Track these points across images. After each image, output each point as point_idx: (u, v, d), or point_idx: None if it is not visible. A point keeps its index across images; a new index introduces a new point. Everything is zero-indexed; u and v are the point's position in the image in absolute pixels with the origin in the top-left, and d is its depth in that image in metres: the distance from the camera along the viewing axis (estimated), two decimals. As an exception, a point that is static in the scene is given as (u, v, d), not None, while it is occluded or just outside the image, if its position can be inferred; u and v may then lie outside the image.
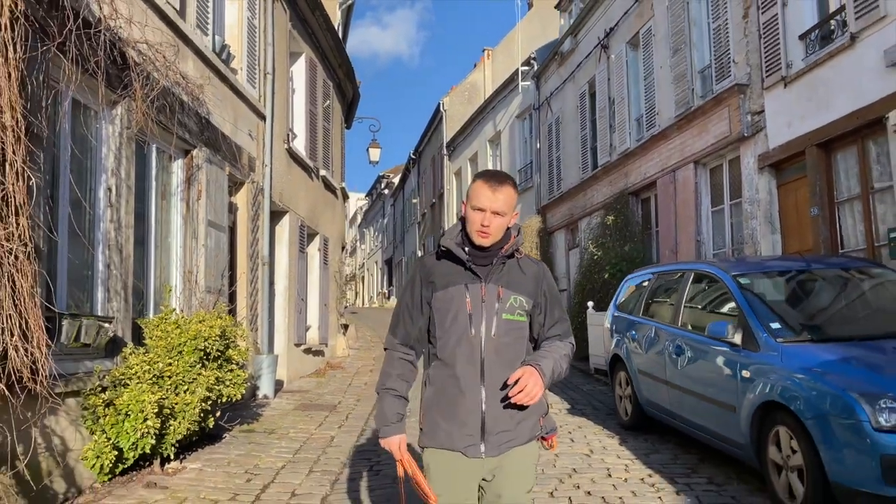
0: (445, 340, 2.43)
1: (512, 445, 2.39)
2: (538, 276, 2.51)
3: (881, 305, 5.14)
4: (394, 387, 2.46)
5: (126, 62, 5.54)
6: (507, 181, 2.42)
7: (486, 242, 2.40)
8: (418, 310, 2.50)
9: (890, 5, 7.19)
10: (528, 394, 2.25)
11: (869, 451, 3.70)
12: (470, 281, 2.42)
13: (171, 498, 4.92)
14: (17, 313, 3.75)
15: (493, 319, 2.40)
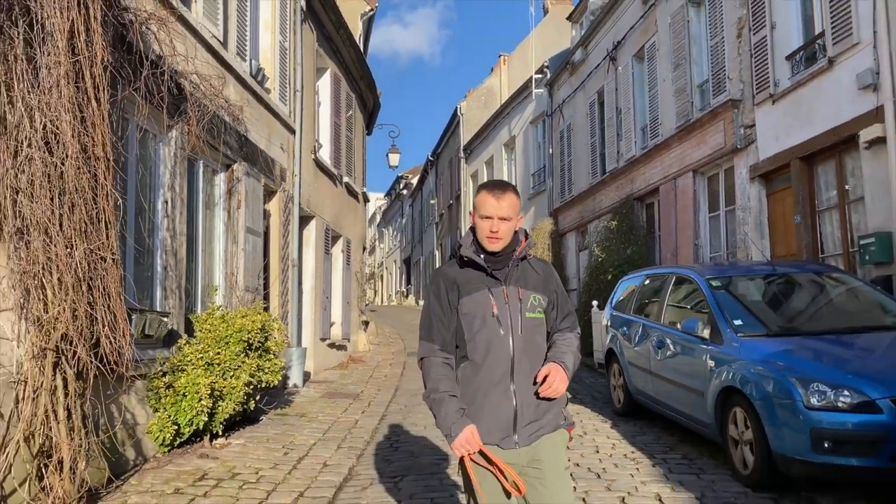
0: (475, 342, 2.60)
1: (541, 434, 2.59)
2: (548, 274, 2.73)
3: (829, 305, 5.91)
4: (448, 389, 2.57)
5: (182, 92, 6.43)
6: (509, 188, 2.66)
7: (497, 247, 2.61)
8: (448, 315, 2.65)
9: (862, 33, 7.91)
10: (555, 389, 2.49)
11: (801, 427, 4.48)
12: (492, 285, 2.61)
13: (222, 466, 5.81)
14: (108, 308, 4.65)
15: (518, 319, 2.59)
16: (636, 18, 13.92)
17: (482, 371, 2.57)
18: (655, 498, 4.85)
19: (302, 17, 10.83)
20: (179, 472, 5.59)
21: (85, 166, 4.54)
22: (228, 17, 8.16)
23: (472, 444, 2.48)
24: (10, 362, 4.27)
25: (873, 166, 7.77)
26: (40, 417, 4.37)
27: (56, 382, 4.42)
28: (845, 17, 8.15)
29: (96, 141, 4.64)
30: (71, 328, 4.41)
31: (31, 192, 4.29)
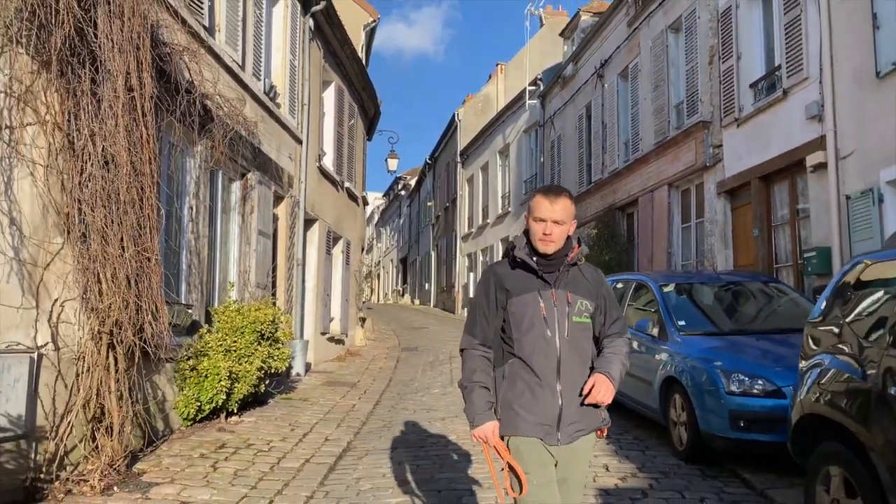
0: (523, 342, 2.67)
1: (580, 435, 2.68)
2: (597, 280, 2.80)
3: (760, 309, 6.87)
4: (480, 380, 2.69)
5: (207, 113, 7.37)
6: (564, 193, 2.70)
7: (549, 250, 2.66)
8: (494, 313, 2.73)
9: (811, 69, 8.88)
10: (600, 399, 2.62)
11: (723, 409, 5.44)
12: (542, 288, 2.68)
13: (238, 438, 6.75)
14: (151, 300, 5.58)
15: (565, 322, 2.66)
16: (622, 39, 14.89)
17: (530, 370, 2.65)
18: (604, 467, 5.81)
19: (310, 37, 11.77)
20: (202, 441, 6.53)
21: (134, 182, 5.48)
22: (246, 42, 9.10)
23: (490, 439, 2.62)
24: (73, 342, 5.20)
25: (817, 188, 8.74)
26: (95, 389, 5.30)
27: (109, 360, 5.35)
28: (798, 53, 9.13)
29: (143, 160, 5.58)
30: (122, 316, 5.34)
31: (92, 203, 5.22)
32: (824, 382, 3.76)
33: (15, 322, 4.69)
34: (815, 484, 3.77)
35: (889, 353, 3.31)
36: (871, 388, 3.34)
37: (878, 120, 7.68)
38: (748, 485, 5.27)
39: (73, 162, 5.13)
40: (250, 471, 5.74)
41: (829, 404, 3.66)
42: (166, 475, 5.47)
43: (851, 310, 3.84)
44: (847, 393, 3.54)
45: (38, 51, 4.79)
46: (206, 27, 7.74)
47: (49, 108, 4.97)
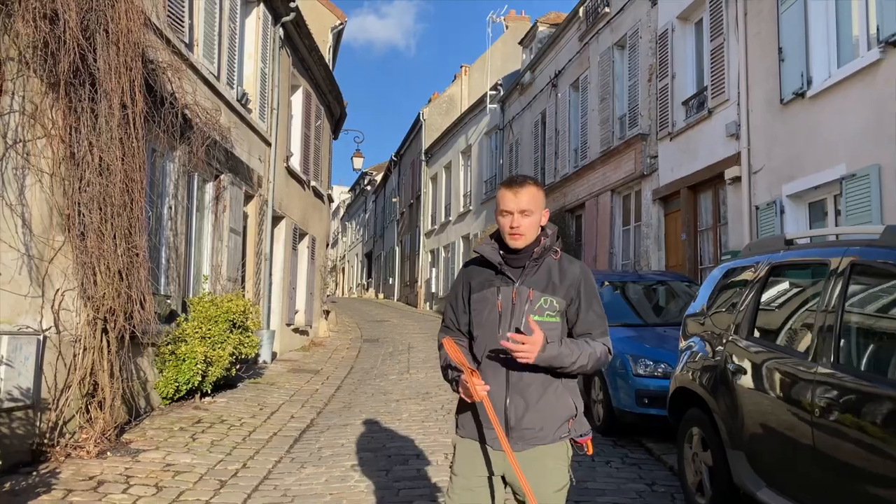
0: (478, 340, 2.55)
1: (536, 443, 2.45)
2: (576, 276, 2.53)
3: (669, 305, 7.93)
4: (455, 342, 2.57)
5: (187, 121, 8.13)
6: (528, 181, 2.50)
7: (519, 243, 2.46)
8: (462, 310, 2.63)
9: (731, 92, 9.97)
10: (512, 348, 2.34)
11: (630, 389, 6.45)
12: (503, 284, 2.51)
13: (212, 415, 7.56)
14: (138, 291, 6.37)
15: (521, 321, 2.46)
16: (574, 53, 15.92)
17: (480, 369, 2.50)
18: (531, 438, 6.79)
19: (280, 45, 12.54)
20: (180, 417, 7.33)
21: (126, 187, 6.26)
22: (221, 54, 9.85)
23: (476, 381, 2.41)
24: (71, 327, 5.97)
25: (734, 199, 9.85)
26: (89, 367, 6.07)
27: (102, 343, 6.13)
28: (721, 77, 10.22)
29: (134, 168, 6.36)
30: (114, 304, 6.12)
31: (90, 206, 5.99)
32: (691, 362, 4.76)
33: (25, 308, 5.45)
34: (683, 441, 4.78)
35: (729, 339, 4.32)
36: (717, 366, 4.35)
37: (782, 141, 8.78)
38: (649, 452, 6.29)
39: (73, 170, 5.89)
40: (225, 441, 6.57)
41: (692, 379, 4.66)
42: (151, 444, 6.28)
43: (714, 304, 4.84)
44: (703, 370, 4.54)
45: (48, 74, 5.54)
46: (186, 43, 8.49)
47: (54, 123, 5.72)
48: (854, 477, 3.09)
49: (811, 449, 3.35)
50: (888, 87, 7.01)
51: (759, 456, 3.88)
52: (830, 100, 7.92)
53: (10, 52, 5.23)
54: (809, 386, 3.40)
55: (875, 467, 2.96)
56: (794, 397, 3.53)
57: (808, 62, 8.29)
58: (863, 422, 3.02)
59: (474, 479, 2.52)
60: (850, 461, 3.11)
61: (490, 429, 2.46)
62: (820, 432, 3.28)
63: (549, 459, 2.47)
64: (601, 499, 4.97)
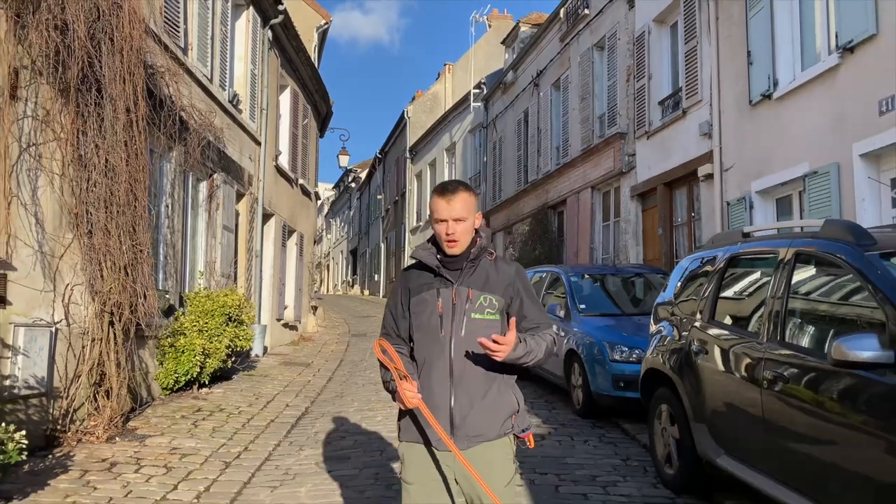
0: (420, 341, 2.59)
1: (480, 441, 2.49)
2: (511, 275, 2.61)
3: (644, 295, 8.39)
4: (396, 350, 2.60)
5: (183, 123, 8.46)
6: (460, 187, 2.56)
7: (456, 250, 2.54)
8: (401, 314, 2.66)
9: (704, 93, 10.45)
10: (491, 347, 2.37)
11: (607, 374, 6.89)
12: (442, 286, 2.57)
13: (211, 404, 7.92)
14: (142, 286, 6.71)
15: (462, 320, 2.51)
16: (555, 53, 16.36)
17: (423, 371, 2.56)
18: (515, 421, 7.21)
19: (269, 47, 12.85)
20: (181, 406, 7.68)
21: (130, 187, 6.60)
22: (214, 57, 10.16)
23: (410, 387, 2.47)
24: (80, 320, 6.31)
25: (706, 195, 10.33)
26: (97, 358, 6.42)
27: (109, 335, 6.47)
28: (695, 78, 10.69)
29: (137, 169, 6.70)
30: (120, 298, 6.47)
31: (97, 205, 6.33)
32: (660, 346, 5.20)
33: (39, 302, 5.79)
34: (653, 418, 5.22)
35: (694, 324, 4.76)
36: (682, 349, 4.79)
37: (750, 140, 9.26)
38: (625, 432, 6.74)
39: (81, 171, 6.23)
40: (225, 427, 6.93)
41: (661, 361, 5.10)
42: (156, 430, 6.63)
43: (681, 292, 5.29)
44: (670, 352, 4.98)
45: (58, 81, 5.87)
46: (181, 47, 8.82)
47: (63, 127, 6.04)
48: (797, 440, 3.53)
49: (761, 418, 3.79)
50: (846, 90, 7.49)
51: (719, 427, 4.32)
52: (795, 101, 8.40)
53: (23, 61, 5.56)
54: (759, 363, 3.84)
55: (814, 430, 3.40)
56: (746, 373, 3.97)
57: (775, 65, 8.77)
58: (802, 391, 3.47)
59: (430, 483, 2.53)
60: (792, 427, 3.55)
61: (433, 430, 2.49)
62: (768, 403, 3.72)
63: (495, 455, 2.51)
64: (579, 471, 5.41)
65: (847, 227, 3.64)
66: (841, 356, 2.96)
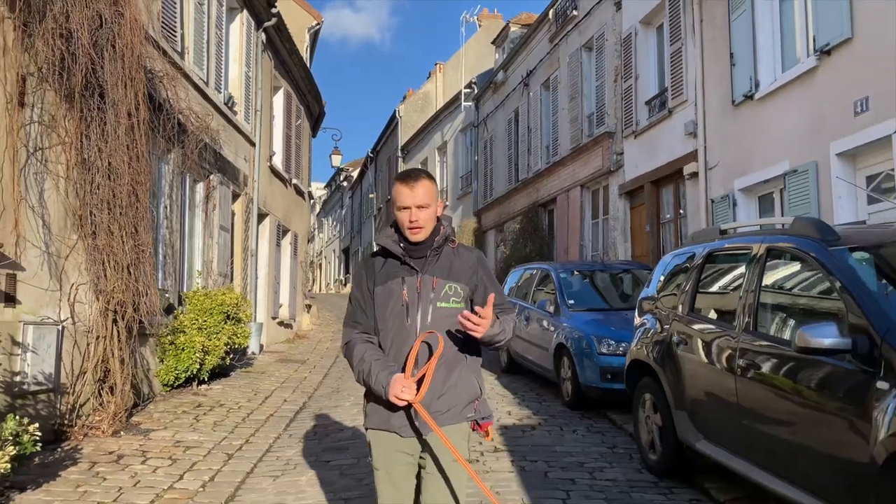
0: (385, 330, 2.60)
1: (444, 423, 2.54)
2: (473, 262, 2.65)
3: (630, 291, 8.65)
4: (373, 357, 2.57)
5: (181, 126, 8.66)
6: (422, 175, 2.57)
7: (419, 237, 2.56)
8: (369, 303, 2.65)
9: (689, 93, 10.72)
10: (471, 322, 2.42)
11: (595, 367, 7.15)
12: (407, 274, 2.58)
13: (211, 400, 8.13)
14: (145, 285, 6.92)
15: (428, 308, 2.55)
16: (544, 53, 16.61)
17: (389, 359, 2.58)
18: (507, 413, 7.47)
19: (262, 49, 13.05)
20: (181, 402, 7.89)
21: (132, 189, 6.80)
22: (209, 60, 10.36)
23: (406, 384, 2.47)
24: (86, 318, 6.51)
25: (692, 193, 10.61)
26: (101, 355, 6.63)
27: (113, 333, 6.68)
28: (680, 79, 10.96)
29: (139, 171, 6.91)
30: (123, 297, 6.67)
31: (100, 207, 6.53)
32: (643, 338, 5.46)
33: (46, 301, 5.99)
34: (638, 407, 5.48)
35: (675, 317, 5.02)
36: (664, 340, 5.05)
37: (734, 139, 9.54)
38: (612, 422, 7.00)
39: (85, 174, 6.43)
40: (226, 421, 7.15)
41: (645, 352, 5.36)
42: (159, 424, 6.84)
43: (664, 287, 5.55)
44: (653, 344, 5.24)
45: (62, 87, 6.06)
46: (178, 52, 9.01)
47: (67, 131, 6.24)
48: (767, 423, 3.79)
49: (736, 404, 4.05)
50: (823, 91, 7.77)
51: (698, 413, 4.58)
52: (775, 102, 8.68)
53: (30, 69, 5.76)
54: (734, 352, 4.10)
55: (782, 414, 3.66)
56: (722, 362, 4.23)
57: (756, 67, 9.04)
58: (771, 377, 3.73)
59: (396, 469, 2.59)
60: (763, 411, 3.81)
61: (399, 415, 2.54)
62: (741, 390, 3.98)
63: (454, 436, 2.55)
64: (567, 458, 5.66)
65: (813, 224, 3.90)
66: (804, 343, 3.21)
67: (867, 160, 7.36)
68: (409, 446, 2.58)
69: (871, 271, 3.50)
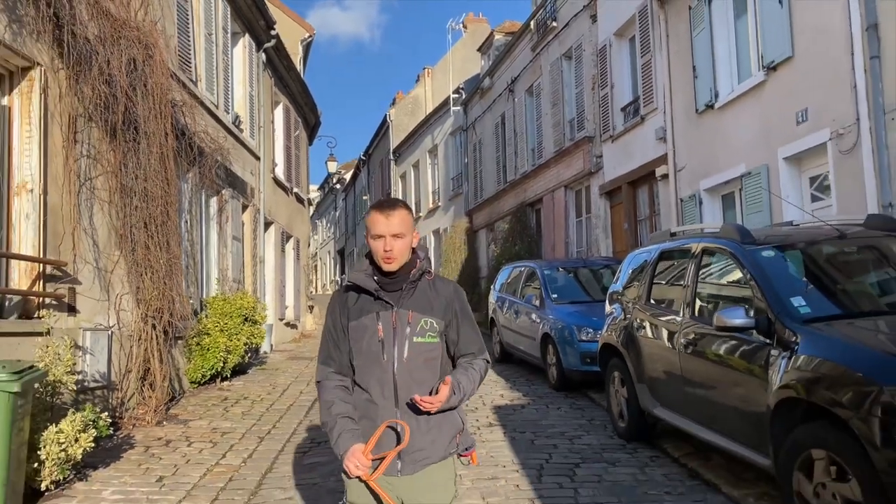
0: (361, 367, 2.55)
1: (427, 463, 2.50)
2: (449, 296, 2.61)
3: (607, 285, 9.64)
4: (341, 412, 2.52)
5: (198, 147, 9.59)
6: (398, 204, 2.53)
7: (393, 267, 2.50)
8: (342, 338, 2.59)
9: (658, 101, 11.71)
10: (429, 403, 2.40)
11: (576, 352, 8.14)
12: (382, 309, 2.52)
13: (235, 394, 9.08)
14: (177, 293, 7.86)
15: (404, 344, 2.50)
16: (527, 61, 17.58)
17: (368, 397, 2.55)
18: (500, 395, 8.46)
19: (263, 68, 13.98)
20: (209, 396, 8.85)
21: (164, 209, 7.75)
22: (218, 84, 11.29)
23: (361, 460, 2.42)
24: (129, 323, 7.45)
25: (664, 192, 11.61)
26: (143, 355, 7.57)
27: (152, 336, 7.63)
28: (650, 88, 11.95)
29: (169, 193, 7.85)
30: (160, 304, 7.62)
31: (138, 226, 7.47)
32: (612, 325, 6.45)
33: (98, 309, 6.93)
34: (608, 383, 6.48)
35: (635, 307, 6.01)
36: (627, 326, 6.04)
37: (698, 144, 10.53)
38: (592, 400, 8.00)
39: (125, 198, 7.37)
40: (252, 411, 8.11)
41: (613, 337, 6.35)
42: (194, 415, 7.80)
43: (628, 281, 6.54)
44: (619, 329, 6.23)
45: (105, 124, 7.00)
46: (193, 80, 9.94)
47: (109, 162, 7.18)
48: (701, 387, 4.78)
49: (679, 375, 5.04)
50: (771, 102, 8.77)
51: (654, 385, 5.57)
52: (732, 111, 9.67)
53: (79, 110, 6.69)
54: (678, 332, 5.09)
55: (708, 379, 4.65)
56: (670, 342, 5.22)
57: (716, 79, 10.03)
58: (700, 351, 4.72)
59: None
60: (696, 378, 4.80)
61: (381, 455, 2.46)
62: (683, 363, 4.97)
63: (438, 476, 2.55)
64: (551, 429, 6.66)
65: (735, 228, 4.89)
66: (721, 323, 4.20)
67: (809, 163, 8.36)
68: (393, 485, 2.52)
69: (775, 265, 4.48)
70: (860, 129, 7.20)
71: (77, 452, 5.07)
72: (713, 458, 5.28)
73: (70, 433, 5.01)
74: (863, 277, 4.65)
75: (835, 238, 4.75)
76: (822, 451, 3.48)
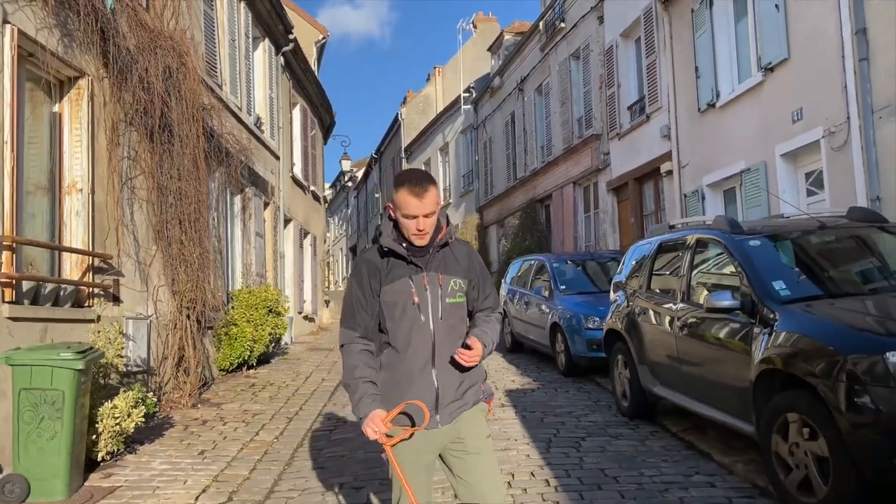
0: (397, 329, 2.64)
1: (462, 411, 2.69)
2: (468, 255, 2.76)
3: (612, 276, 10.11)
4: (364, 375, 2.63)
5: (225, 149, 10.13)
6: (429, 184, 2.60)
7: (424, 241, 2.63)
8: (370, 302, 2.68)
9: (663, 100, 12.15)
10: (469, 358, 2.57)
11: (583, 339, 8.63)
12: (413, 273, 2.64)
13: (261, 380, 9.63)
14: (209, 285, 8.40)
15: (438, 305, 2.64)
16: (536, 61, 18.03)
17: (405, 358, 2.63)
18: (511, 381, 8.96)
19: (281, 71, 14.52)
20: (237, 383, 9.40)
21: (197, 206, 8.29)
22: (241, 87, 11.83)
23: (379, 426, 2.52)
24: (166, 313, 8.00)
25: (669, 188, 12.06)
26: (178, 343, 8.12)
27: (186, 325, 8.18)
28: (655, 87, 12.39)
29: (200, 192, 8.40)
30: (193, 295, 8.16)
31: (173, 222, 8.01)
32: (616, 312, 6.94)
33: (138, 300, 7.48)
34: (613, 366, 6.96)
35: (637, 295, 6.49)
36: (630, 312, 6.52)
37: (701, 142, 10.97)
38: (598, 384, 8.48)
39: (161, 196, 7.91)
40: (279, 396, 8.65)
41: (617, 323, 6.83)
42: (225, 399, 8.35)
43: (631, 271, 7.02)
44: (623, 315, 6.71)
45: (142, 127, 7.54)
46: (218, 85, 10.48)
47: (147, 163, 7.73)
48: (695, 365, 5.26)
49: (676, 355, 5.52)
50: (769, 102, 9.20)
51: (654, 365, 6.05)
52: (733, 110, 10.11)
53: (120, 115, 7.23)
54: (674, 317, 5.56)
55: (701, 358, 5.13)
56: (667, 325, 5.70)
57: (717, 79, 10.47)
58: (694, 331, 5.20)
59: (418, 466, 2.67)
60: (691, 357, 5.28)
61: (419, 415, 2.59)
62: (679, 344, 5.45)
63: (474, 418, 2.72)
64: (560, 409, 7.15)
65: (726, 220, 5.36)
66: (710, 305, 4.67)
67: (804, 160, 8.80)
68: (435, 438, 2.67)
69: (760, 253, 4.95)
70: (850, 127, 7.64)
71: (129, 426, 5.62)
72: (708, 431, 5.75)
73: (124, 409, 5.55)
74: (841, 263, 5.11)
75: (818, 228, 5.21)
76: (795, 415, 3.96)
